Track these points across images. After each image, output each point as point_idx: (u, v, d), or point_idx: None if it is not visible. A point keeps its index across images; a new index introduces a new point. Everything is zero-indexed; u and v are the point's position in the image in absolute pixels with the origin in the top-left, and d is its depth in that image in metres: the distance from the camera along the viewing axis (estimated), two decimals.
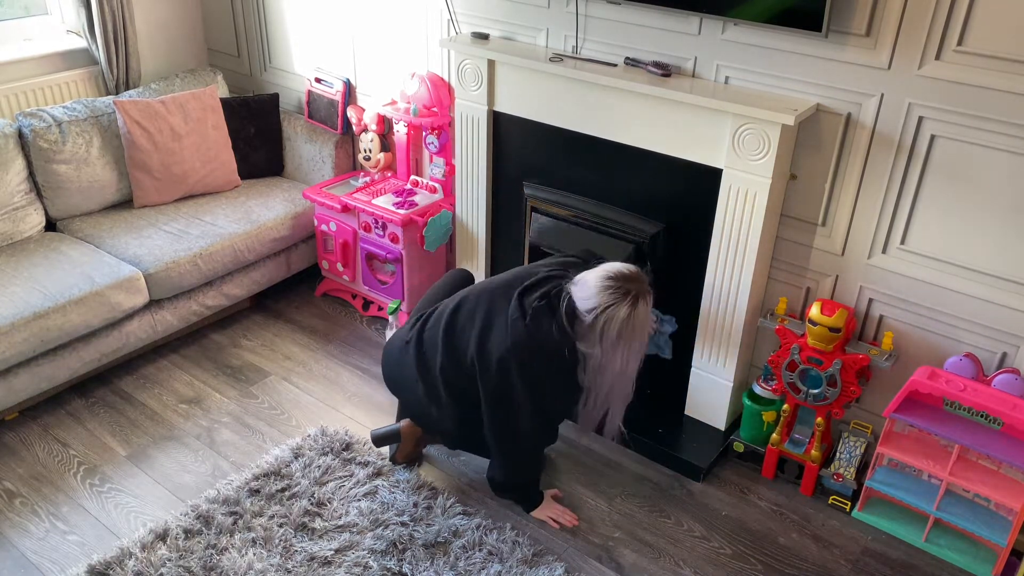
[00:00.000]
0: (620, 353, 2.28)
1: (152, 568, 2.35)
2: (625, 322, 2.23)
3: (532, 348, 2.32)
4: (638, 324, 2.25)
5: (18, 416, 2.97)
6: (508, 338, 2.33)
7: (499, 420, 2.43)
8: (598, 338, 2.26)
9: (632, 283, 2.25)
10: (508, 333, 2.33)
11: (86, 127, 3.38)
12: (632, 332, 2.25)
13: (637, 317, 2.24)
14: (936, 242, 2.40)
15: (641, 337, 2.29)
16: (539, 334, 2.31)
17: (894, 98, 2.31)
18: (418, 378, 2.54)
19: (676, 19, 2.60)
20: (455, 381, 2.48)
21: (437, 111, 3.30)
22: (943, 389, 2.31)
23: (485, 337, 2.38)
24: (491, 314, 2.40)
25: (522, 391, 2.35)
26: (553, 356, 2.32)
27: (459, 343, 2.44)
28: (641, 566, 2.44)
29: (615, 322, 2.22)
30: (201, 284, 3.29)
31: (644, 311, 2.26)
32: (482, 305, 2.44)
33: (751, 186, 2.49)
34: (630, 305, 2.23)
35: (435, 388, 2.51)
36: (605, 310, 2.23)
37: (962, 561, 2.45)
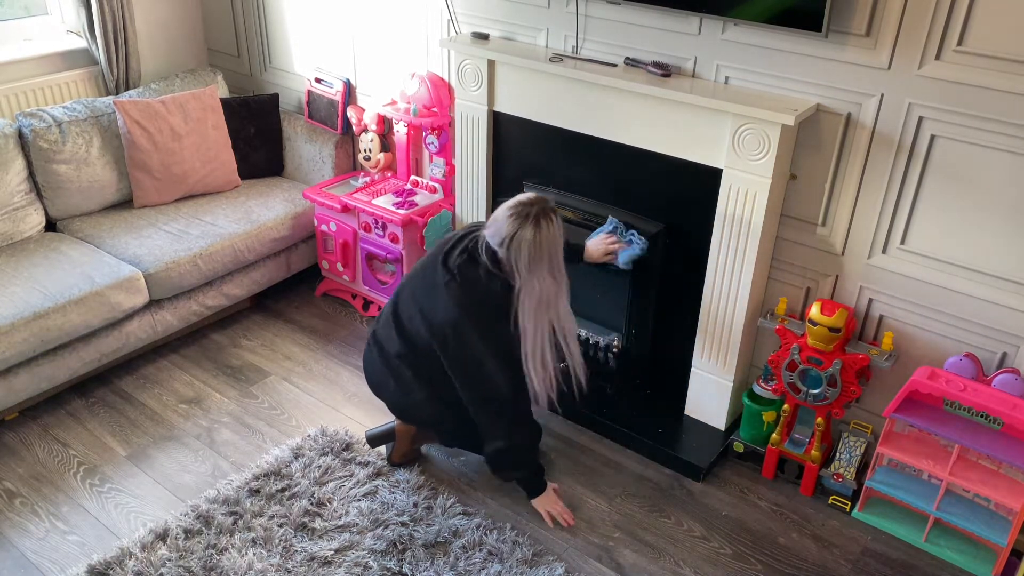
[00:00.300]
0: (537, 277, 2.32)
1: (152, 568, 2.35)
2: (533, 243, 2.28)
3: (471, 301, 2.38)
4: (545, 242, 2.30)
5: (18, 416, 2.97)
6: (447, 303, 2.39)
7: (474, 385, 2.46)
8: (515, 267, 2.32)
9: (532, 206, 2.32)
10: (446, 298, 2.40)
11: (86, 127, 3.38)
12: (541, 251, 2.30)
13: (542, 235, 2.29)
14: (936, 242, 2.40)
15: (553, 256, 2.33)
16: (471, 286, 2.38)
17: (894, 98, 2.31)
18: (388, 373, 2.61)
19: (676, 19, 2.60)
20: (418, 364, 2.53)
21: (437, 111, 3.30)
22: (943, 389, 2.31)
23: (430, 314, 2.44)
24: (427, 290, 2.48)
25: (481, 346, 2.39)
26: (492, 300, 2.38)
27: (410, 328, 2.52)
28: (641, 566, 2.44)
29: (524, 245, 2.28)
30: (201, 284, 3.29)
31: (549, 229, 2.30)
32: (417, 286, 2.53)
33: (751, 186, 2.49)
34: (533, 226, 2.28)
35: (403, 378, 2.57)
36: (513, 237, 2.29)
37: (962, 561, 2.45)
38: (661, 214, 2.79)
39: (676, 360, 2.94)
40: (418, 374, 2.55)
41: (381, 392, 2.71)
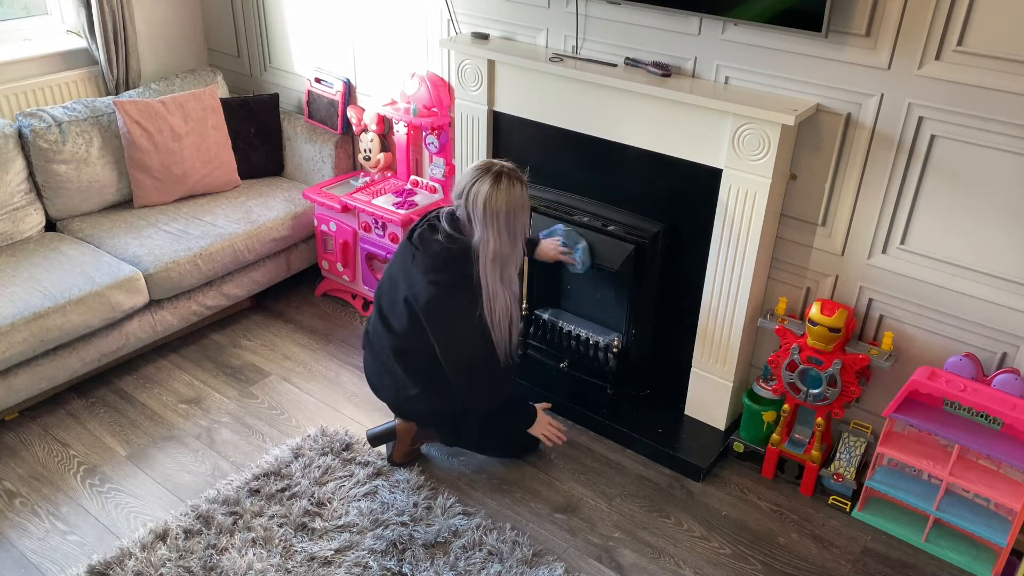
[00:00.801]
0: (492, 232, 2.34)
1: (152, 568, 2.35)
2: (489, 194, 2.31)
3: (433, 266, 2.41)
4: (503, 199, 2.31)
5: (18, 416, 2.97)
6: (416, 275, 2.44)
7: (449, 350, 2.48)
8: (471, 218, 2.36)
9: (495, 164, 2.36)
10: (414, 272, 2.45)
11: (86, 127, 3.38)
12: (497, 205, 2.31)
13: (500, 190, 2.31)
14: (936, 242, 2.40)
15: (511, 216, 2.34)
16: (431, 252, 2.42)
17: (894, 98, 2.31)
18: (383, 371, 2.65)
19: (676, 19, 2.60)
20: (408, 359, 2.57)
21: (437, 111, 3.30)
22: (943, 389, 2.31)
23: (410, 292, 2.47)
24: (404, 272, 2.51)
25: (452, 311, 2.43)
26: (453, 263, 2.41)
27: (392, 318, 2.56)
28: (641, 566, 2.44)
29: (480, 196, 2.31)
30: (201, 284, 3.29)
31: (510, 187, 2.32)
32: (395, 272, 2.57)
33: (751, 186, 2.49)
34: (492, 179, 2.32)
35: (396, 375, 2.61)
36: (471, 188, 2.34)
37: (962, 561, 2.45)
38: (661, 214, 2.79)
39: (676, 360, 2.94)
40: (409, 370, 2.58)
41: (380, 392, 2.74)
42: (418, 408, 2.65)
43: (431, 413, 2.66)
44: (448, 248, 2.42)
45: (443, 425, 2.71)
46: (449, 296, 2.43)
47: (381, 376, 2.68)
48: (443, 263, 2.42)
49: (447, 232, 2.43)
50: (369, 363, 2.73)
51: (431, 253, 2.43)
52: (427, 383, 2.58)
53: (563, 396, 3.03)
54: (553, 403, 3.02)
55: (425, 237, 2.47)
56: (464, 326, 2.45)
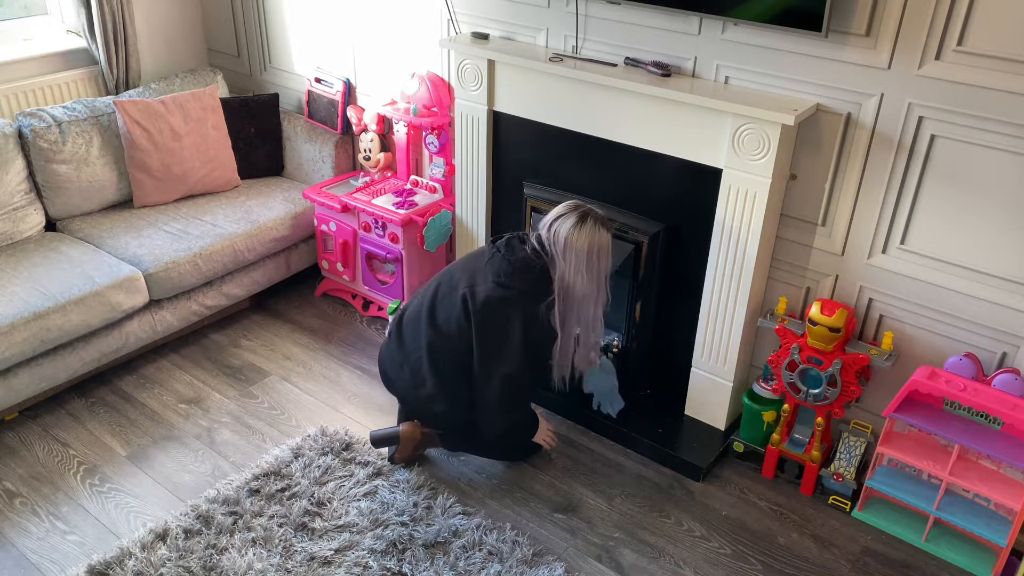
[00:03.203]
0: (571, 268, 2.43)
1: (152, 568, 2.35)
2: (573, 230, 2.41)
3: (511, 271, 2.47)
4: (585, 237, 2.42)
5: (18, 416, 2.97)
6: (487, 276, 2.49)
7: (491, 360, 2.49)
8: (553, 250, 2.45)
9: (583, 206, 2.49)
10: (486, 272, 2.50)
11: (86, 127, 3.38)
12: (579, 243, 2.42)
13: (584, 230, 2.42)
14: (936, 242, 2.40)
15: (591, 254, 2.43)
16: (517, 256, 2.48)
17: (894, 98, 2.31)
18: (404, 364, 2.64)
19: (676, 19, 2.60)
20: (437, 357, 2.56)
21: (437, 111, 3.30)
22: (943, 389, 2.31)
23: (471, 290, 2.50)
24: (472, 273, 2.55)
25: (511, 322, 2.46)
26: (531, 273, 2.46)
27: (443, 316, 2.56)
28: (641, 566, 2.44)
29: (563, 231, 2.42)
30: (201, 284, 3.29)
31: (595, 229, 2.43)
32: (462, 272, 2.58)
33: (751, 186, 2.49)
34: (578, 217, 2.43)
35: (419, 370, 2.60)
36: (555, 221, 2.46)
37: (962, 561, 2.45)
38: (661, 214, 2.79)
39: (676, 360, 2.94)
40: (434, 366, 2.58)
41: (393, 384, 2.72)
42: (430, 408, 2.63)
43: (440, 414, 2.64)
44: (531, 260, 2.46)
45: (448, 427, 2.70)
46: (508, 303, 2.45)
47: (401, 367, 2.66)
48: (519, 271, 2.46)
49: (535, 248, 2.48)
50: (389, 353, 2.70)
51: (512, 259, 2.47)
52: (446, 385, 2.58)
53: (563, 396, 3.03)
54: (553, 404, 3.03)
55: (513, 244, 2.52)
56: (511, 338, 2.46)
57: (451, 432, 2.72)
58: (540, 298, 2.47)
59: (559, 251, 2.44)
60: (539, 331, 2.50)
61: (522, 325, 2.46)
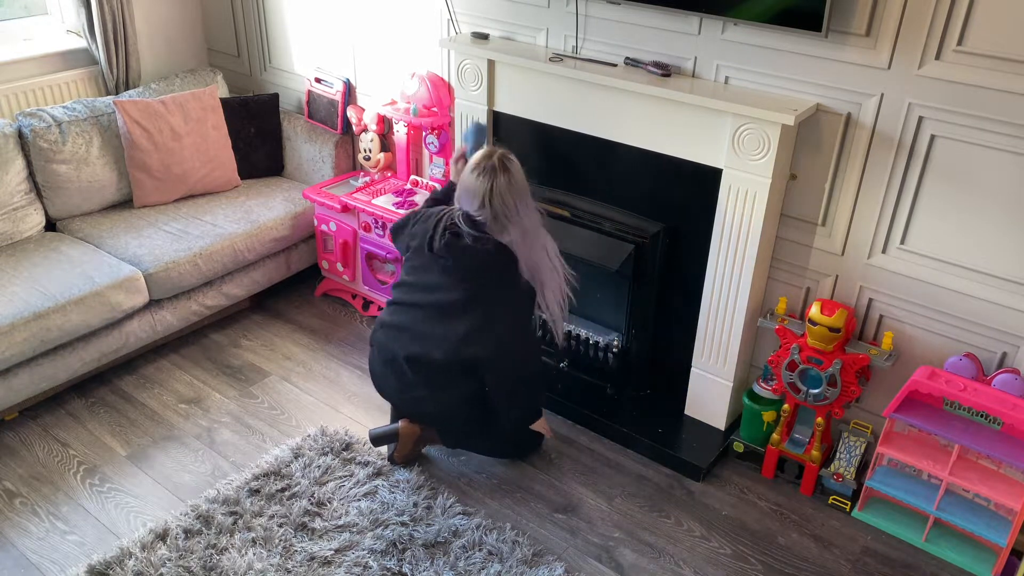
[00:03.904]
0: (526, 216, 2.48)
1: (152, 568, 2.35)
2: (509, 188, 2.43)
3: (473, 274, 2.48)
4: (518, 181, 2.47)
5: (18, 416, 2.97)
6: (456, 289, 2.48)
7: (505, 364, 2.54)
8: (505, 218, 2.44)
9: (491, 158, 2.46)
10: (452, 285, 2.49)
11: (86, 127, 3.38)
12: (521, 189, 2.47)
13: (513, 176, 2.45)
14: (936, 242, 2.40)
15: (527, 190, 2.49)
16: (466, 258, 2.47)
17: (894, 98, 2.31)
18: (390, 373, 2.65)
19: (676, 19, 2.60)
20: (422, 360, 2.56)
21: (437, 111, 3.30)
22: (943, 389, 2.31)
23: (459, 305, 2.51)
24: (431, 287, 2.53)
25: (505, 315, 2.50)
26: (491, 263, 2.47)
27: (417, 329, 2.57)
28: (641, 566, 2.44)
29: (504, 193, 2.43)
30: (201, 284, 3.29)
31: (515, 168, 2.47)
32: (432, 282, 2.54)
33: (751, 186, 2.49)
34: (503, 172, 2.43)
35: (404, 377, 2.60)
36: (491, 192, 2.42)
37: (962, 561, 2.45)
38: (661, 214, 2.78)
39: (676, 360, 2.94)
40: (417, 372, 2.57)
41: (383, 389, 2.73)
42: (421, 409, 2.65)
43: (433, 415, 2.66)
44: (481, 252, 2.45)
45: (446, 424, 2.71)
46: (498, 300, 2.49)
47: (386, 375, 2.66)
48: (484, 265, 2.47)
49: (474, 236, 2.45)
50: (375, 359, 2.71)
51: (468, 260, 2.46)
52: (435, 388, 2.57)
53: (563, 396, 3.03)
54: (553, 403, 3.03)
55: (452, 245, 2.47)
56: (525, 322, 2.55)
57: (450, 429, 2.72)
58: (514, 274, 2.48)
59: (512, 215, 2.44)
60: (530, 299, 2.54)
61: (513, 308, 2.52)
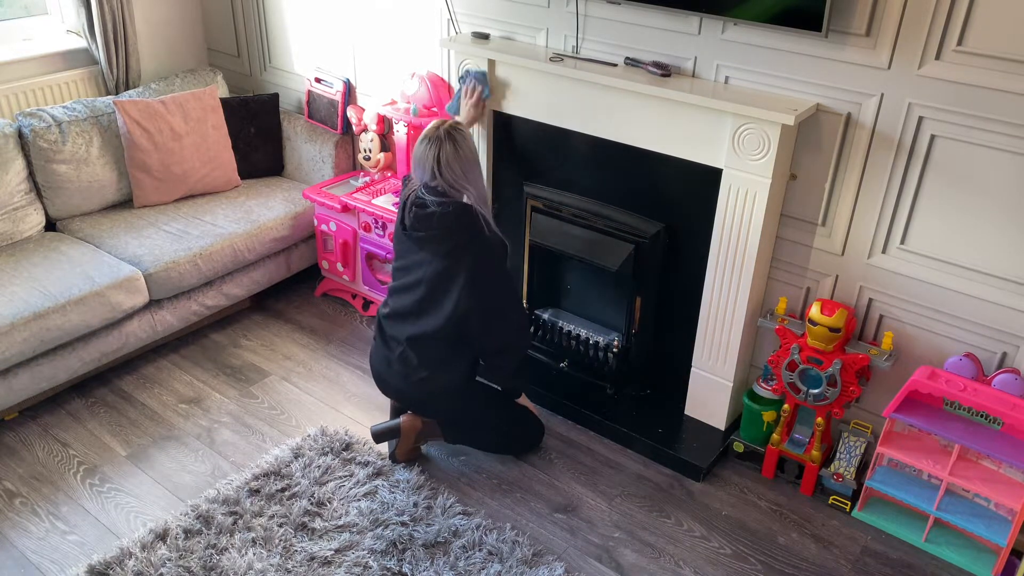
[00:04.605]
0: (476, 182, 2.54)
1: (152, 568, 2.35)
2: (456, 155, 2.47)
3: (450, 233, 2.50)
4: (466, 148, 2.51)
5: (18, 416, 2.97)
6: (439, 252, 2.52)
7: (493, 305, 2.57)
8: (456, 184, 2.49)
9: (438, 128, 2.50)
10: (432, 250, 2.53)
11: (86, 127, 3.38)
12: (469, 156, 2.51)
13: (459, 144, 2.48)
14: (936, 242, 2.40)
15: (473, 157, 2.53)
16: (436, 222, 2.49)
17: (894, 98, 2.31)
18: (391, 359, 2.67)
19: (676, 19, 2.60)
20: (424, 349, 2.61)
21: (437, 111, 3.30)
22: (943, 389, 2.31)
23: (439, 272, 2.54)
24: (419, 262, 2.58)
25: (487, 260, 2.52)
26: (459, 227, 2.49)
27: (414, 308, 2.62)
28: (641, 566, 2.44)
29: (452, 160, 2.47)
30: (201, 284, 3.29)
31: (463, 138, 2.50)
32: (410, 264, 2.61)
33: (751, 186, 2.49)
34: (449, 141, 2.47)
35: (408, 361, 2.63)
36: (438, 160, 2.47)
37: (962, 561, 2.45)
38: (661, 214, 2.78)
39: (676, 360, 2.94)
40: (421, 355, 2.60)
41: (386, 381, 2.73)
42: (425, 391, 2.65)
43: (438, 395, 2.66)
44: (446, 214, 2.48)
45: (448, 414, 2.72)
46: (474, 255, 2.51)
47: (390, 363, 2.67)
48: (452, 228, 2.49)
49: (437, 201, 2.49)
50: (377, 353, 2.73)
51: (435, 226, 2.50)
52: (436, 366, 2.61)
53: (563, 396, 3.03)
54: (553, 403, 3.03)
55: (420, 215, 2.52)
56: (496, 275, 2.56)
57: (451, 419, 2.72)
58: (482, 228, 2.51)
59: (461, 180, 2.49)
60: (502, 246, 2.57)
61: (494, 259, 2.54)
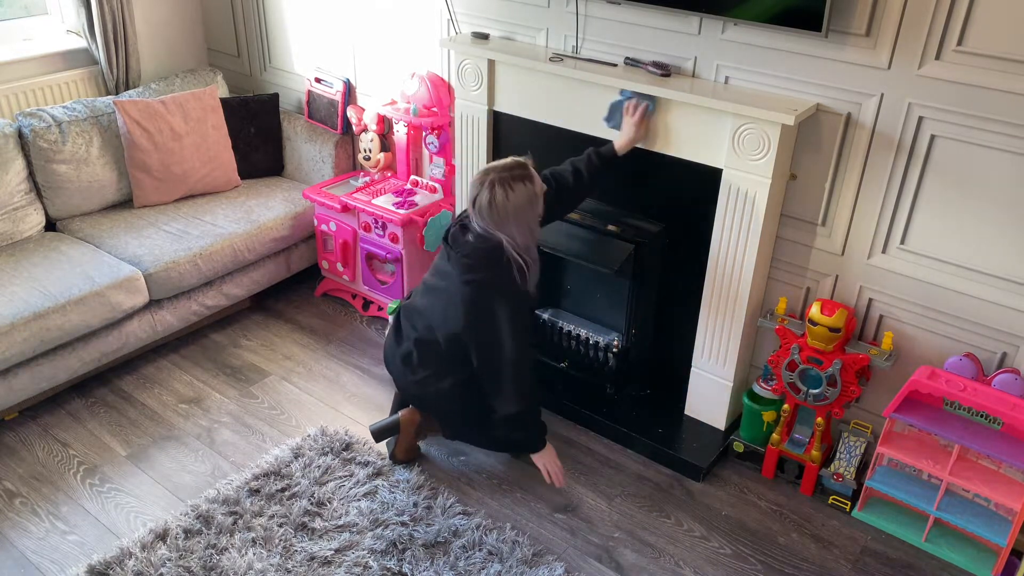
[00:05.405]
0: (506, 233, 2.45)
1: (152, 568, 2.35)
2: (490, 203, 2.42)
3: (471, 265, 2.49)
4: (500, 203, 2.41)
5: (18, 416, 2.97)
6: (456, 275, 2.52)
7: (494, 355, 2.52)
8: (492, 227, 2.45)
9: (489, 172, 2.45)
10: (454, 271, 2.53)
11: (86, 127, 3.38)
12: (503, 212, 2.42)
13: (496, 198, 2.41)
14: (936, 242, 2.40)
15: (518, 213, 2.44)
16: (466, 251, 2.50)
17: (894, 98, 2.31)
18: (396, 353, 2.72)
19: (676, 19, 2.60)
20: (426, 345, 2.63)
21: (437, 111, 3.30)
22: (943, 389, 2.31)
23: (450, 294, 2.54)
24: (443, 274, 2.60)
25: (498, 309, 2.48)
26: (486, 259, 2.48)
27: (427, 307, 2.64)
28: (641, 566, 2.44)
29: (484, 208, 2.44)
30: (201, 284, 3.29)
31: (505, 193, 2.41)
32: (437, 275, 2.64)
33: (751, 186, 2.49)
34: (489, 190, 2.42)
35: (409, 358, 2.67)
36: (475, 200, 2.45)
37: (962, 561, 2.45)
38: (661, 214, 2.78)
39: (676, 360, 2.94)
40: (423, 357, 2.64)
41: (390, 367, 2.80)
42: (423, 391, 2.68)
43: (436, 395, 2.66)
44: (478, 248, 2.48)
45: (446, 412, 2.72)
46: (484, 296, 2.49)
47: (395, 357, 2.74)
48: (476, 262, 2.49)
49: (478, 232, 2.48)
50: (389, 340, 2.80)
51: (465, 253, 2.50)
52: (437, 370, 2.63)
53: (563, 396, 3.03)
54: (553, 403, 3.02)
55: (457, 237, 2.54)
56: (501, 327, 2.49)
57: (450, 417, 2.73)
58: (507, 275, 2.48)
59: (491, 226, 2.45)
60: (522, 301, 2.54)
61: (507, 309, 2.49)
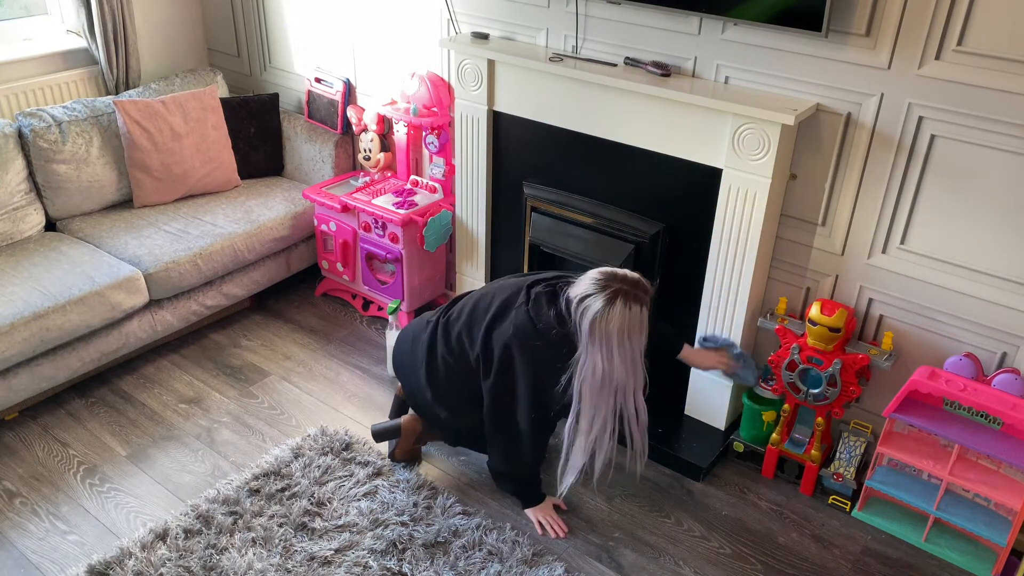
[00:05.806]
0: (598, 352, 2.19)
1: (152, 568, 2.35)
2: (599, 316, 2.16)
3: (531, 332, 2.31)
4: (613, 322, 2.16)
5: (18, 416, 2.97)
6: (511, 323, 2.35)
7: (498, 411, 2.45)
8: (578, 330, 2.22)
9: (618, 282, 2.21)
10: (512, 318, 2.35)
11: (86, 127, 3.38)
12: (606, 327, 2.17)
13: (612, 313, 2.16)
14: (936, 242, 2.40)
15: (621, 340, 2.18)
16: (538, 319, 2.30)
17: (894, 98, 2.31)
18: (425, 361, 2.56)
19: (676, 19, 2.60)
20: (457, 371, 2.50)
21: (437, 111, 3.30)
22: (943, 389, 2.31)
23: (493, 326, 2.40)
24: (504, 305, 2.41)
25: (523, 380, 2.37)
26: (551, 343, 2.28)
27: (471, 333, 2.45)
28: (641, 566, 2.44)
29: (589, 313, 2.18)
30: (201, 284, 3.29)
31: (624, 312, 2.17)
32: (498, 297, 2.45)
33: (751, 186, 2.49)
34: (607, 300, 2.17)
35: (436, 373, 2.54)
36: (584, 299, 2.20)
37: (962, 561, 2.45)
38: (661, 214, 2.79)
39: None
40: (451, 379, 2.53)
41: (405, 375, 2.68)
42: (432, 412, 2.62)
43: (442, 418, 2.63)
44: (551, 326, 2.27)
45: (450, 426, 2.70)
46: (524, 359, 2.34)
47: (420, 365, 2.59)
48: (539, 332, 2.29)
49: (562, 313, 2.26)
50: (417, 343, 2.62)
51: (534, 317, 2.30)
52: (444, 401, 2.57)
53: None
54: None
55: (540, 302, 2.32)
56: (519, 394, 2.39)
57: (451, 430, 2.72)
58: (554, 363, 2.28)
59: (584, 332, 2.19)
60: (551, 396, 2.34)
61: (530, 384, 2.36)
